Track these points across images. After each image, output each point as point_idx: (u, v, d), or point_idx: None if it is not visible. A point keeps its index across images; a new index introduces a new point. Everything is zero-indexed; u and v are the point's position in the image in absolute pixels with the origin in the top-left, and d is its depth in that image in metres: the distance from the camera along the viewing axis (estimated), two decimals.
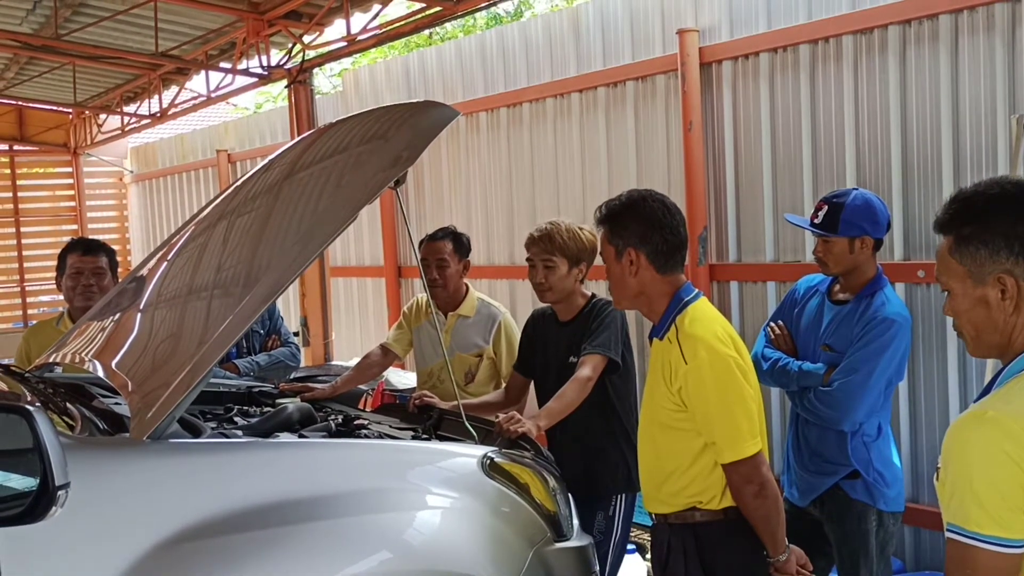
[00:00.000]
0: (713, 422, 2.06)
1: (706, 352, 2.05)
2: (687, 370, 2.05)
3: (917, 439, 3.78)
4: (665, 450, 2.16)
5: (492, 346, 3.37)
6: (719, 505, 2.12)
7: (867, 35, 3.84)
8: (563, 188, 5.23)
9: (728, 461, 2.06)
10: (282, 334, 4.02)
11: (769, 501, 2.07)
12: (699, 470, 2.11)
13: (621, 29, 4.85)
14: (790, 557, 2.12)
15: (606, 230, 2.19)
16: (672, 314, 2.15)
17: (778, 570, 2.11)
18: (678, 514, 2.16)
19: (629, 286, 2.17)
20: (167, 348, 2.23)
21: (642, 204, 2.16)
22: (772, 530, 2.09)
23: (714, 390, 2.05)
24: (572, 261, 2.88)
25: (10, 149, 10.37)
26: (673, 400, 2.10)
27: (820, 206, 2.72)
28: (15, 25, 7.06)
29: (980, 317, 1.44)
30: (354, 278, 7.12)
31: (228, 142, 8.52)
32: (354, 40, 6.11)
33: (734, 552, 2.12)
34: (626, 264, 2.15)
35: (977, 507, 1.32)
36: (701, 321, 2.12)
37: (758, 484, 2.06)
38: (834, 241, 2.66)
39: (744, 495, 2.07)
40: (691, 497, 2.13)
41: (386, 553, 1.91)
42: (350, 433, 2.46)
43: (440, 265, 3.36)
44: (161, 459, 1.80)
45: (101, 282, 3.36)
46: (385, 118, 2.59)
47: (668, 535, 2.19)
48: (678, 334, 2.10)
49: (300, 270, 2.14)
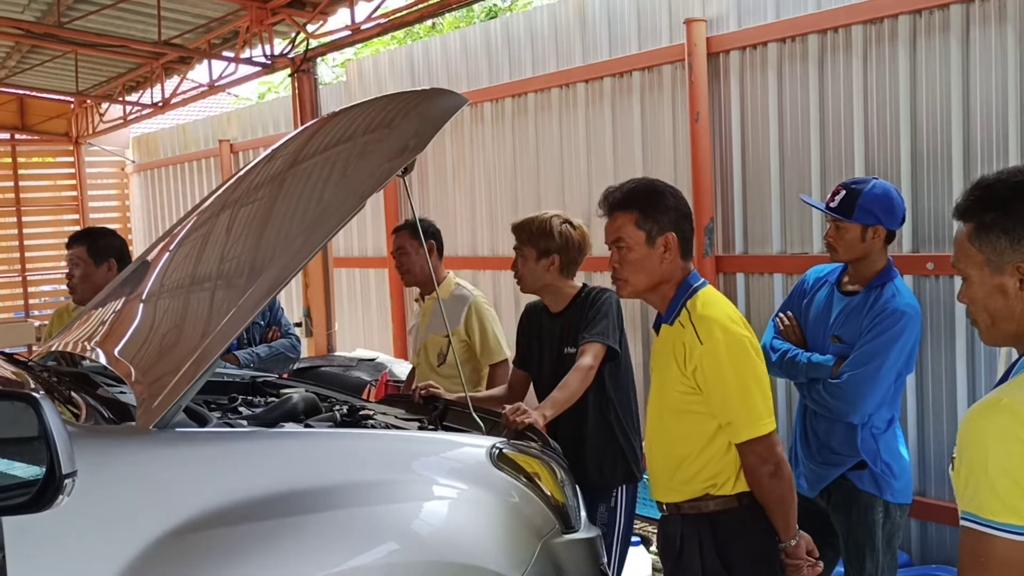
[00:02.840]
0: (730, 401, 2.07)
1: (721, 332, 2.08)
2: (703, 350, 2.07)
3: (924, 432, 3.77)
4: (677, 434, 2.17)
5: (464, 327, 3.51)
6: (733, 490, 2.12)
7: (877, 25, 3.81)
8: (568, 179, 5.21)
9: (745, 439, 2.07)
10: (282, 325, 4.02)
11: (785, 482, 2.09)
12: (713, 453, 2.12)
13: (628, 19, 4.82)
14: (800, 542, 2.12)
15: (635, 215, 2.17)
16: (682, 299, 2.17)
17: (788, 555, 2.11)
18: (692, 503, 2.15)
19: (655, 272, 2.18)
20: (172, 338, 2.21)
21: (667, 191, 2.21)
22: (786, 512, 2.10)
23: (731, 368, 2.06)
24: (540, 252, 2.91)
25: (11, 138, 10.34)
26: (687, 383, 2.11)
27: (838, 190, 2.70)
28: (17, 13, 7.03)
29: (997, 305, 1.43)
30: (357, 269, 7.11)
31: (231, 132, 8.49)
32: (358, 29, 6.07)
33: (750, 540, 2.12)
34: (659, 249, 2.16)
35: (992, 495, 1.30)
36: (714, 304, 2.15)
37: (774, 464, 2.07)
38: (847, 227, 2.64)
39: (760, 475, 2.08)
40: (705, 482, 2.13)
41: (393, 544, 1.89)
42: (356, 423, 2.44)
43: (399, 253, 3.63)
44: (168, 448, 1.79)
45: (76, 271, 3.48)
46: (391, 106, 2.56)
47: (681, 526, 2.18)
48: (691, 316, 2.12)
49: (305, 260, 2.12)
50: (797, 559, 2.11)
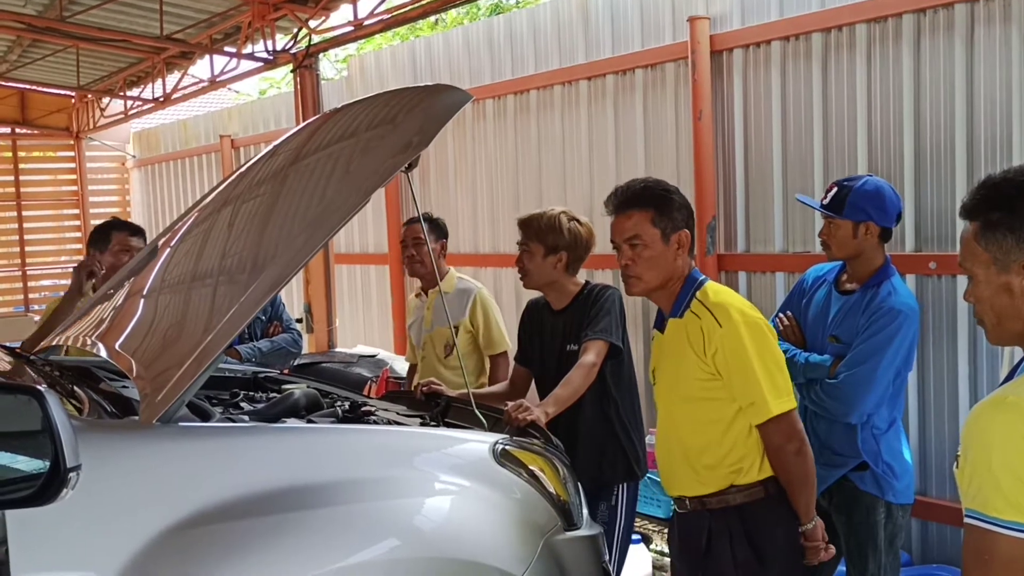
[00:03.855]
0: (752, 380, 2.11)
1: (739, 314, 2.15)
2: (723, 333, 2.13)
3: (926, 431, 3.76)
4: (698, 423, 2.20)
5: (469, 318, 3.58)
6: (758, 476, 2.15)
7: (881, 24, 3.80)
8: (570, 177, 5.20)
9: (768, 417, 2.11)
10: (284, 320, 4.03)
11: (808, 460, 2.15)
12: (735, 437, 2.16)
13: (631, 16, 4.81)
14: (817, 525, 2.17)
15: (651, 212, 2.22)
16: (690, 292, 2.24)
17: (807, 538, 2.15)
18: (719, 497, 2.18)
19: (668, 268, 2.24)
20: (174, 333, 2.21)
21: (674, 191, 2.29)
22: (809, 493, 2.15)
23: (752, 348, 2.12)
24: (548, 249, 2.90)
25: (12, 132, 10.32)
26: (706, 369, 2.15)
27: (831, 188, 2.72)
28: (19, 7, 7.01)
29: (1003, 304, 1.43)
30: (358, 265, 7.10)
31: (232, 127, 8.48)
32: (360, 25, 6.07)
33: (779, 528, 2.16)
34: (673, 247, 2.23)
35: (996, 492, 1.30)
36: (724, 292, 2.24)
37: (799, 441, 2.13)
38: (838, 224, 2.64)
39: (786, 453, 2.13)
40: (731, 467, 2.16)
41: (395, 540, 1.89)
42: (358, 419, 2.44)
43: (416, 243, 3.64)
44: (171, 443, 1.79)
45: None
46: (394, 102, 2.56)
47: (709, 520, 2.20)
48: (705, 304, 2.19)
49: (308, 257, 2.12)
50: (815, 541, 2.16)
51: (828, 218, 2.68)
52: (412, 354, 3.89)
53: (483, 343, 3.58)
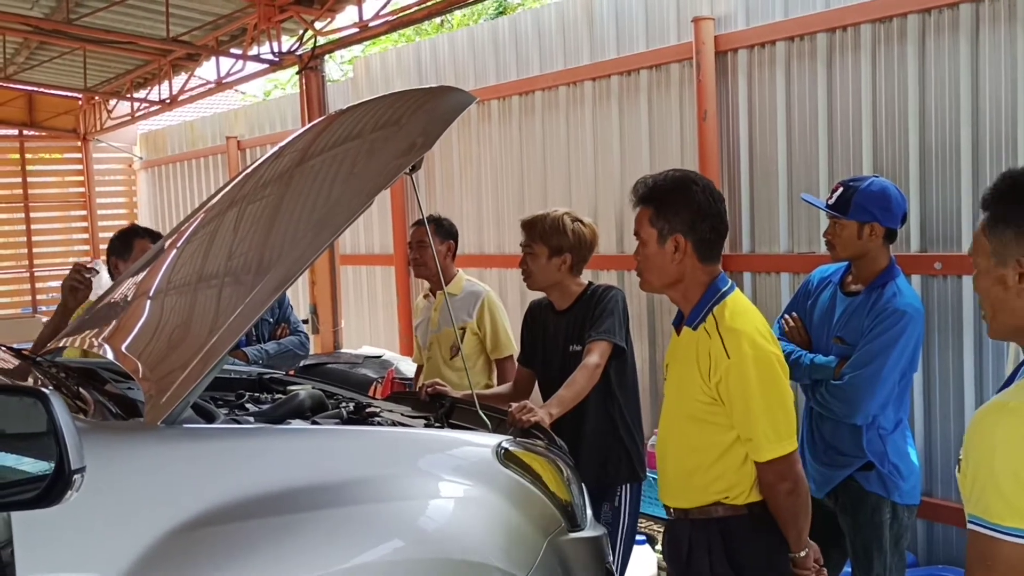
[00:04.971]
0: (753, 418, 2.02)
1: (750, 347, 2.02)
2: (729, 364, 2.01)
3: (931, 432, 3.75)
4: (694, 443, 2.13)
5: (476, 321, 3.58)
6: (745, 500, 2.08)
7: (886, 24, 3.79)
8: (575, 177, 5.20)
9: (766, 459, 2.03)
10: (291, 322, 4.03)
11: (801, 499, 2.06)
12: (728, 464, 2.08)
13: (635, 17, 4.81)
14: (808, 553, 2.10)
15: (650, 211, 2.11)
16: (709, 305, 2.10)
17: (796, 565, 2.09)
18: (701, 509, 2.13)
19: (668, 272, 2.12)
20: (180, 334, 2.21)
21: (692, 189, 2.10)
22: (799, 528, 2.07)
23: (757, 386, 2.01)
24: (553, 250, 2.90)
25: (20, 134, 10.38)
26: (709, 394, 2.06)
27: (836, 188, 2.72)
28: (26, 9, 7.05)
29: (997, 296, 1.44)
30: (363, 266, 7.12)
31: (238, 129, 8.51)
32: (366, 26, 6.08)
33: (760, 547, 2.09)
34: (669, 250, 2.09)
35: (999, 498, 1.30)
36: (743, 315, 2.08)
37: (792, 482, 2.04)
38: (843, 224, 2.64)
39: (778, 493, 2.05)
40: (719, 493, 2.10)
41: (399, 541, 1.89)
42: (362, 421, 2.45)
43: (420, 246, 3.65)
44: (176, 444, 1.79)
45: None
46: (399, 103, 2.56)
47: (689, 531, 2.16)
48: (719, 327, 2.05)
49: (313, 258, 2.12)
50: (805, 569, 2.09)
51: (833, 218, 2.67)
52: (419, 355, 3.90)
53: (490, 347, 3.58)
